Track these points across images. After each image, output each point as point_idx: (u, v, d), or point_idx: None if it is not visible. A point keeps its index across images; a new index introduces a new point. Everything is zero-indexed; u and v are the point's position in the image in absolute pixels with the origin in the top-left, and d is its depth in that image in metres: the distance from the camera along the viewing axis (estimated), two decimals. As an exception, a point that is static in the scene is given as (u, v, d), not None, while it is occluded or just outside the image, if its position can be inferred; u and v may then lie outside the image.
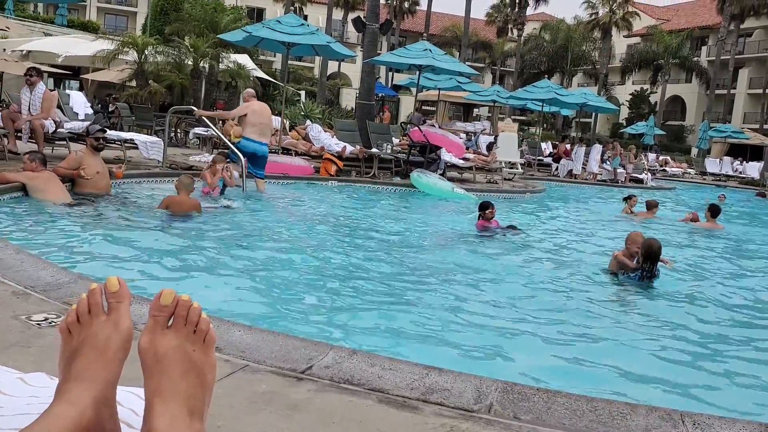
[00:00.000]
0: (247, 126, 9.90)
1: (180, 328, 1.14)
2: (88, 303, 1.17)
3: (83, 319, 1.16)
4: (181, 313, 1.14)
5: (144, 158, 10.80)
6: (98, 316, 1.16)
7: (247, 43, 15.89)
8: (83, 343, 1.14)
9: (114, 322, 1.16)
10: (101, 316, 1.16)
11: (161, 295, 1.14)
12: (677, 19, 55.46)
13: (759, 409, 3.33)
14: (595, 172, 19.95)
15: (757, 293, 6.38)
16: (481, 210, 8.42)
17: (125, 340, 1.16)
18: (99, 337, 1.14)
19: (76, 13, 44.45)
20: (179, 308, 1.14)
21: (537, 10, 54.88)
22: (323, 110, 24.75)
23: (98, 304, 1.17)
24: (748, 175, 30.26)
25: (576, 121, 48.91)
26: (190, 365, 1.13)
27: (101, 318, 1.16)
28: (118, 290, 1.18)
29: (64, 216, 6.58)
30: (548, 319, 4.74)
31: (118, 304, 1.17)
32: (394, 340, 3.90)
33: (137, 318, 3.08)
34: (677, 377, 3.72)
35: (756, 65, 47.98)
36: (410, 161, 13.44)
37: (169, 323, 1.14)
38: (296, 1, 46.93)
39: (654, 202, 11.68)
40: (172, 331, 1.14)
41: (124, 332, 1.16)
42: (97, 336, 1.14)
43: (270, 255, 6.00)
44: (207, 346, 1.17)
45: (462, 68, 17.65)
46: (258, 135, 9.88)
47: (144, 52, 20.11)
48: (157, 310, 1.15)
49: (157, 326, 1.14)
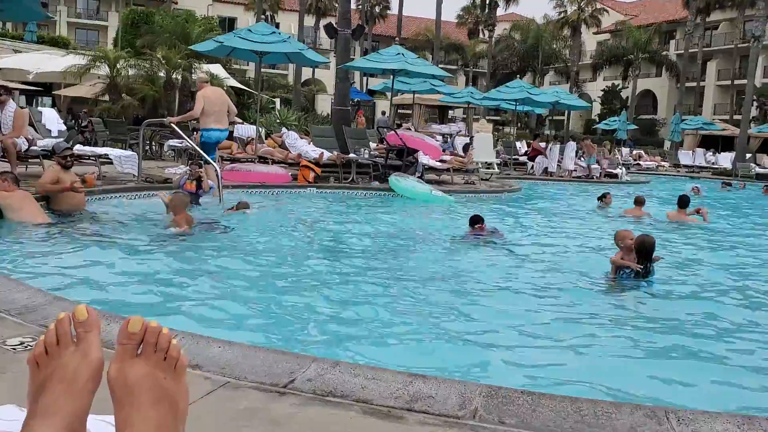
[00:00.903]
0: (203, 116, 9.89)
1: (150, 356, 1.11)
2: (56, 333, 1.13)
3: (51, 350, 1.13)
4: (151, 340, 1.11)
5: (119, 173, 10.69)
6: (67, 347, 1.12)
7: (220, 53, 15.82)
8: (51, 375, 1.11)
9: (83, 352, 1.12)
10: (70, 346, 1.13)
11: (129, 323, 1.10)
12: (645, 14, 56.12)
13: (743, 402, 3.36)
14: (570, 169, 20.11)
15: (739, 286, 6.45)
16: (472, 224, 8.21)
17: (95, 370, 1.12)
18: (68, 368, 1.11)
19: (46, 29, 43.89)
20: (148, 335, 1.11)
21: (507, 11, 55.16)
22: (299, 117, 24.68)
23: (67, 334, 1.13)
24: (721, 166, 30.67)
25: (549, 120, 49.30)
26: (161, 394, 1.10)
27: (70, 349, 1.12)
28: (87, 319, 1.14)
29: (40, 236, 6.49)
30: (530, 321, 4.75)
31: (87, 333, 1.13)
32: (377, 349, 3.88)
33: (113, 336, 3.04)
34: (660, 373, 3.74)
35: (723, 57, 48.71)
36: (388, 165, 13.44)
37: (138, 351, 1.11)
38: (267, 9, 46.76)
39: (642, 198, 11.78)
40: (141, 359, 1.11)
41: (93, 363, 1.12)
42: (66, 367, 1.11)
43: (248, 267, 5.95)
44: (178, 373, 1.14)
45: (435, 71, 17.71)
46: (215, 122, 9.90)
47: (116, 65, 19.95)
48: (125, 337, 1.11)
49: (125, 354, 1.11)
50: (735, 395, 3.50)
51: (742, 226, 11.69)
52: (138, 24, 29.32)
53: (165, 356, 1.11)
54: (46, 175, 7.73)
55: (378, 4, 53.92)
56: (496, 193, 14.20)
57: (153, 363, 1.11)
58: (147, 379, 1.09)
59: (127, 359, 1.11)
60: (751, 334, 4.71)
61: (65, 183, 7.50)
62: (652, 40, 47.09)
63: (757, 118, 41.27)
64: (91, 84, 21.15)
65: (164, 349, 1.11)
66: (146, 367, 1.10)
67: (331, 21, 19.02)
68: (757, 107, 41.45)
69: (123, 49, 24.73)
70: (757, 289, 6.33)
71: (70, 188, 7.49)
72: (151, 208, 9.02)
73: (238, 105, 27.44)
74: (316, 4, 48.89)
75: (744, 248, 8.93)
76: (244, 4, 51.03)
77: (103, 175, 10.42)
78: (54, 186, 7.48)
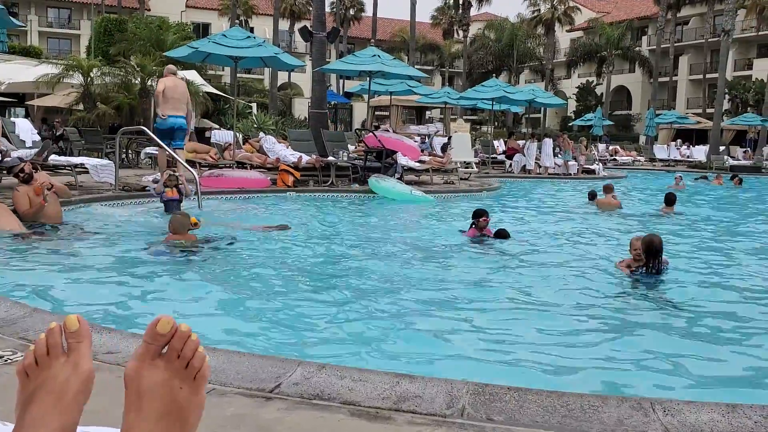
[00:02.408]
0: (162, 101, 10.66)
1: (171, 362, 1.06)
2: (46, 343, 1.09)
3: (41, 361, 1.09)
4: (176, 345, 1.06)
5: (95, 182, 10.58)
6: (57, 358, 1.09)
7: (194, 59, 15.71)
8: (40, 386, 1.08)
9: (74, 363, 1.09)
10: (60, 357, 1.09)
11: (158, 322, 1.05)
12: (617, 11, 56.72)
13: (728, 391, 3.40)
14: (547, 166, 20.25)
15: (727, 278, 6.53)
16: (475, 218, 7.75)
17: (85, 382, 1.09)
18: (57, 380, 1.07)
19: (17, 39, 43.38)
20: (175, 339, 1.06)
21: (480, 11, 55.49)
22: (276, 121, 24.59)
23: (57, 345, 1.09)
24: (696, 159, 31.06)
25: (526, 118, 49.55)
26: (172, 407, 1.06)
27: (60, 360, 1.09)
28: (78, 329, 1.10)
29: (18, 247, 6.39)
30: (515, 317, 4.77)
31: (78, 344, 1.10)
32: (363, 351, 3.87)
33: (97, 347, 3.00)
34: (646, 366, 3.78)
35: (695, 52, 49.37)
36: (367, 167, 13.44)
37: (162, 352, 1.06)
38: (241, 14, 46.58)
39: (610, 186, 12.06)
40: (161, 363, 1.06)
41: (84, 374, 1.09)
42: (56, 379, 1.07)
43: (230, 274, 5.92)
44: (197, 384, 1.09)
45: (411, 72, 17.73)
46: (172, 109, 10.65)
47: (90, 74, 19.73)
48: (151, 337, 1.06)
49: (147, 355, 1.06)
50: (720, 385, 3.54)
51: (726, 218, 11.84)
52: (111, 32, 29.00)
53: (187, 364, 1.07)
54: (19, 203, 7.46)
55: (352, 7, 53.98)
56: (475, 192, 14.26)
57: (172, 370, 1.06)
58: (161, 388, 1.06)
59: (147, 360, 1.06)
60: (735, 325, 4.76)
61: (34, 202, 7.34)
62: (624, 36, 47.62)
63: (729, 111, 41.86)
64: (65, 93, 20.89)
65: (188, 357, 1.07)
66: (164, 373, 1.06)
67: (305, 24, 19.02)
68: (729, 100, 42.03)
69: (96, 57, 24.46)
70: (742, 279, 6.42)
71: (43, 203, 7.35)
72: (132, 217, 8.96)
73: (214, 111, 27.40)
74: (290, 8, 48.84)
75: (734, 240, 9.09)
76: (217, 10, 50.80)
77: (79, 184, 10.31)
78: (29, 210, 7.33)
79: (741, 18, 42.28)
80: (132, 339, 3.15)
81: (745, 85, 42.93)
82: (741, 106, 42.53)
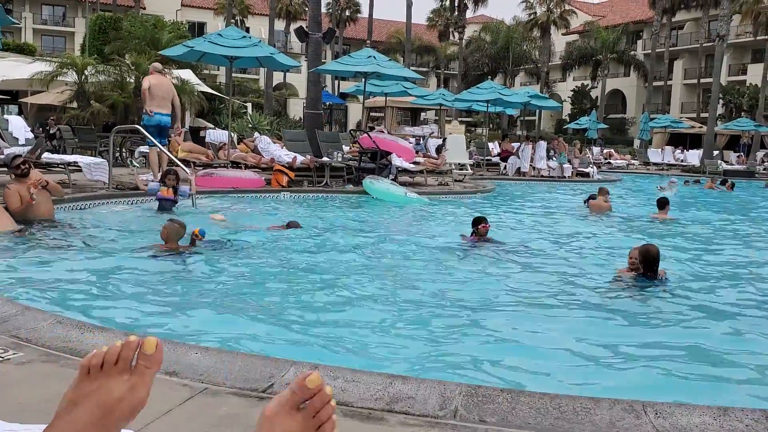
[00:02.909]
0: (149, 98, 10.81)
1: (308, 419, 1.09)
2: (119, 353, 1.10)
3: (106, 368, 1.09)
4: (317, 404, 1.09)
5: (89, 181, 10.54)
6: (121, 373, 1.09)
7: (189, 58, 15.69)
8: (93, 394, 1.08)
9: (133, 385, 1.09)
10: (124, 374, 1.09)
11: (309, 377, 1.08)
12: (612, 15, 56.90)
13: (720, 395, 3.41)
14: (541, 168, 20.29)
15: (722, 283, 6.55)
16: (474, 225, 7.59)
17: (135, 409, 1.10)
18: (111, 395, 1.08)
19: (11, 36, 43.23)
20: (317, 398, 1.09)
21: (476, 13, 55.59)
22: (271, 122, 24.56)
23: (128, 360, 1.10)
24: (689, 163, 31.16)
25: (521, 120, 49.65)
26: None
27: (123, 376, 1.09)
28: (153, 355, 1.11)
29: (10, 245, 6.36)
30: (509, 319, 4.78)
31: (146, 369, 1.11)
32: (356, 352, 3.87)
33: (89, 347, 2.99)
34: (638, 368, 3.79)
35: (689, 56, 49.57)
36: (362, 168, 13.43)
37: (300, 406, 1.09)
38: (237, 14, 46.52)
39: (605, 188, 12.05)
40: (298, 417, 1.09)
41: (136, 401, 1.09)
42: (110, 393, 1.08)
43: (222, 274, 5.91)
44: None
45: (407, 73, 17.74)
46: (157, 106, 10.81)
47: (84, 72, 19.68)
48: (298, 388, 1.09)
49: (289, 404, 1.09)
50: (712, 388, 3.55)
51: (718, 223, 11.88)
52: (106, 30, 28.94)
53: (319, 426, 1.10)
54: (11, 200, 7.40)
55: (348, 8, 53.96)
56: (469, 193, 14.27)
57: (306, 427, 1.09)
58: None
59: (287, 408, 1.09)
60: (728, 329, 4.78)
61: (25, 199, 7.29)
62: (619, 40, 47.75)
63: (723, 116, 42.02)
64: (59, 91, 20.84)
65: (323, 420, 1.10)
66: (299, 427, 1.09)
67: (301, 25, 19.00)
68: (723, 105, 42.20)
69: (91, 55, 24.40)
70: (737, 284, 6.45)
71: (31, 201, 7.30)
72: (122, 216, 8.93)
73: (209, 110, 27.34)
74: (286, 8, 48.77)
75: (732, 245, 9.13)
76: (213, 9, 50.71)
77: (72, 183, 10.27)
78: (19, 207, 7.28)
79: (736, 23, 42.45)
80: (125, 338, 3.13)
81: (739, 90, 43.12)
82: (735, 111, 42.72)
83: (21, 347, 3.00)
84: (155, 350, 1.11)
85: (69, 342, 3.09)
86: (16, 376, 2.69)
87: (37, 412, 2.25)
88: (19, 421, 1.67)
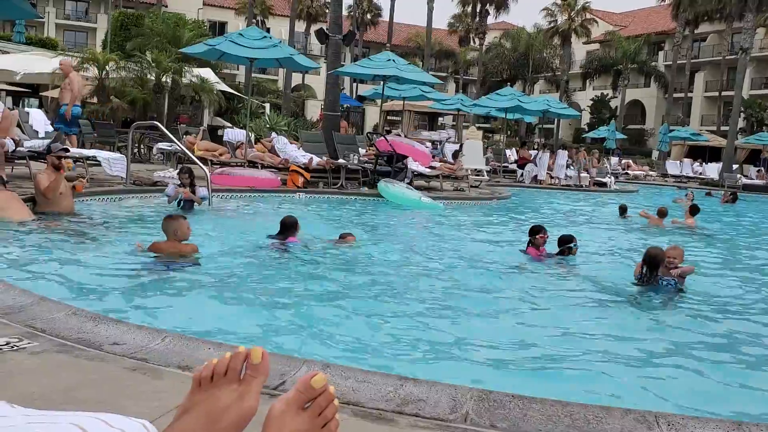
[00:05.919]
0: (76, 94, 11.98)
1: (313, 418, 1.13)
2: (227, 365, 1.14)
3: (216, 379, 1.14)
4: (322, 403, 1.13)
5: (107, 175, 10.63)
6: (231, 383, 1.13)
7: (210, 56, 15.78)
8: (202, 402, 1.13)
9: (241, 395, 1.13)
10: (233, 383, 1.14)
11: (315, 377, 1.12)
12: (634, 25, 56.60)
13: (732, 408, 3.37)
14: (560, 177, 20.19)
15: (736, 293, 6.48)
16: (531, 235, 7.26)
17: (243, 418, 1.13)
18: (219, 403, 1.12)
19: (34, 30, 43.69)
20: (322, 397, 1.13)
21: (498, 19, 55.52)
22: (289, 122, 24.63)
23: (236, 371, 1.14)
24: (708, 176, 30.90)
25: (539, 128, 49.53)
26: None
27: (232, 386, 1.13)
28: (260, 364, 1.15)
29: (27, 235, 6.42)
30: (522, 325, 4.75)
31: (253, 378, 1.14)
32: (369, 352, 3.86)
33: (103, 338, 3.01)
34: (651, 378, 3.75)
35: (711, 69, 49.20)
36: (377, 171, 13.44)
37: (306, 405, 1.13)
38: (258, 13, 46.76)
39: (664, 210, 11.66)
40: (304, 416, 1.12)
41: (245, 410, 1.13)
42: (219, 402, 1.12)
43: (238, 269, 5.92)
44: None
45: (426, 78, 17.74)
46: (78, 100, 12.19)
47: (105, 68, 19.84)
48: (304, 388, 1.12)
49: (295, 403, 1.13)
50: (726, 401, 3.51)
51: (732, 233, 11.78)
52: (127, 26, 29.18)
53: (324, 424, 1.13)
54: (41, 180, 7.50)
55: (369, 11, 54.10)
56: (485, 200, 14.23)
57: (312, 426, 1.13)
58: None
59: (294, 408, 1.12)
60: (745, 341, 4.72)
61: (59, 185, 7.40)
62: (640, 50, 47.51)
63: (744, 130, 41.64)
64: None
65: (328, 418, 1.13)
66: (305, 425, 1.12)
67: (322, 26, 19.04)
68: (744, 119, 41.81)
69: (112, 51, 24.61)
70: (754, 295, 6.38)
71: (58, 186, 7.42)
72: (138, 210, 8.99)
73: (227, 109, 27.45)
74: (307, 9, 48.96)
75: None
76: (234, 9, 51.03)
77: (90, 177, 10.35)
78: (50, 187, 7.37)
79: (760, 36, 42.09)
80: (138, 331, 3.15)
81: (761, 104, 42.69)
82: (756, 125, 42.30)
83: (36, 337, 3.02)
84: (261, 360, 1.15)
85: (83, 333, 3.10)
86: (29, 365, 2.70)
87: (48, 401, 2.26)
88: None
